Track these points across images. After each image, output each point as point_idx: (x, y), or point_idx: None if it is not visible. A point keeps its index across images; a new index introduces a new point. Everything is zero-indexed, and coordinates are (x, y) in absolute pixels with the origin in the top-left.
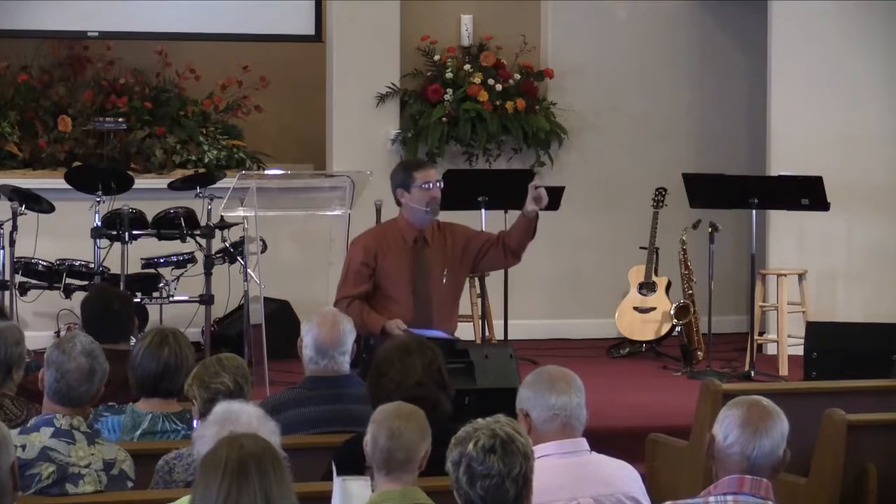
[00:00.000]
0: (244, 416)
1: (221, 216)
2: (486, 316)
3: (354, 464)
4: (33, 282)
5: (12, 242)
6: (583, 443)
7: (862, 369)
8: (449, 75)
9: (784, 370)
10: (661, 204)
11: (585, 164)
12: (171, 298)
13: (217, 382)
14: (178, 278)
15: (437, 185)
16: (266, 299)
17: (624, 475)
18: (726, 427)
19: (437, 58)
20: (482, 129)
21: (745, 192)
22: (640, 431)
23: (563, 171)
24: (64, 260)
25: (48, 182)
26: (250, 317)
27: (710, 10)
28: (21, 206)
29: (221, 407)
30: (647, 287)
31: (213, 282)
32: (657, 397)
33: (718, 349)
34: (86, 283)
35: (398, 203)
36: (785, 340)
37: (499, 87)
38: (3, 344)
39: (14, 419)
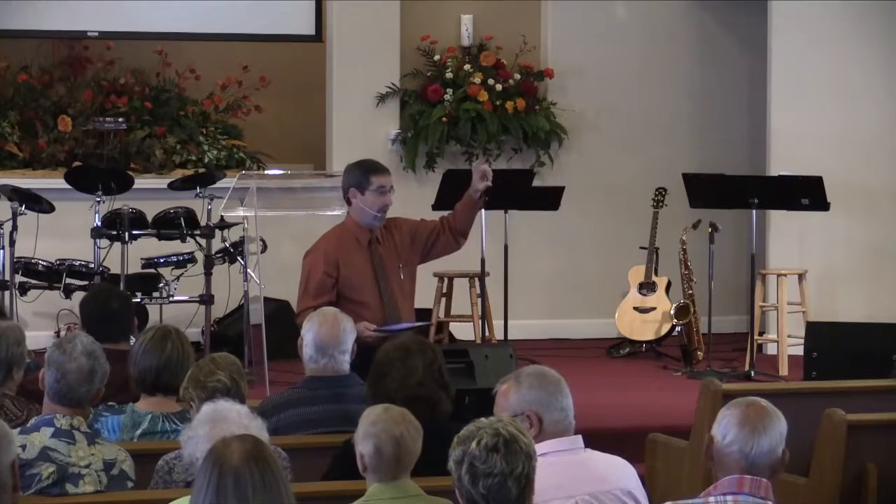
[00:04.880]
0: (233, 414)
1: (221, 216)
2: (486, 316)
3: (354, 464)
4: (33, 282)
5: (12, 242)
6: (578, 440)
7: (862, 369)
8: (449, 75)
9: (784, 370)
10: (661, 204)
11: (585, 164)
12: (171, 298)
13: (213, 380)
14: (178, 278)
15: (391, 191)
16: (266, 299)
17: (620, 471)
18: (725, 427)
19: (437, 58)
20: (482, 129)
21: (745, 192)
22: (640, 431)
23: (563, 171)
24: (64, 260)
25: (48, 182)
26: (250, 317)
27: (710, 10)
28: (21, 206)
29: (209, 407)
30: (647, 287)
31: (213, 282)
32: (657, 397)
33: (718, 349)
34: (86, 283)
35: (348, 202)
36: (785, 340)
37: (499, 87)
38: (5, 344)
39: (14, 419)
